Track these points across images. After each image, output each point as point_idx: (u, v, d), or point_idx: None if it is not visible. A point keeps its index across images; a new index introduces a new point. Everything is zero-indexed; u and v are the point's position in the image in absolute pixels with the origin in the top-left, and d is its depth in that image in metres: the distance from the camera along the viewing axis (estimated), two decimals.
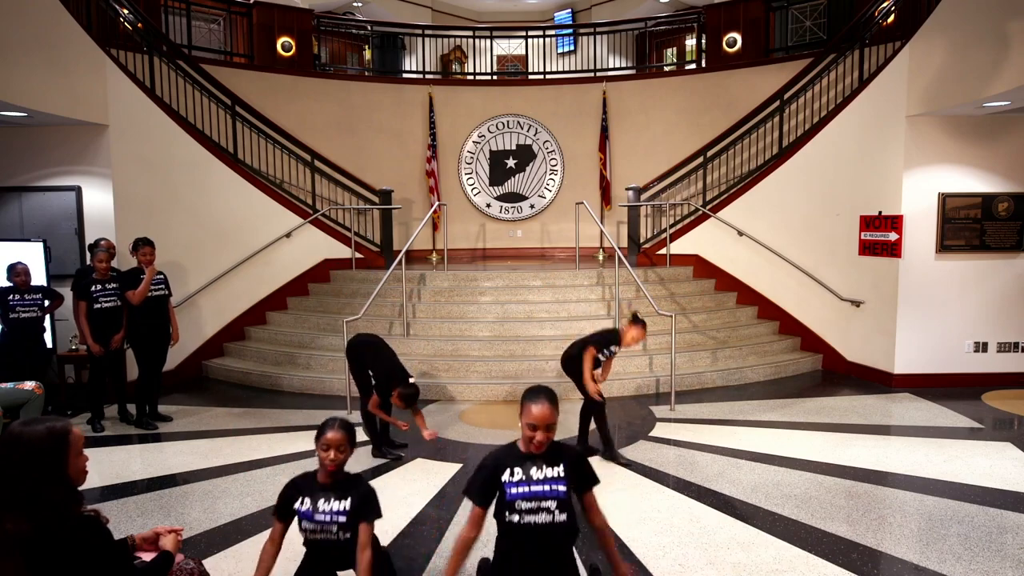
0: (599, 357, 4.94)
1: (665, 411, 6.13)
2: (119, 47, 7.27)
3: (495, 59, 12.33)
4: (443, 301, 7.71)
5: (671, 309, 7.26)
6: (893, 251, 6.85)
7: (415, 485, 4.49)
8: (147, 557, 2.31)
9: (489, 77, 11.70)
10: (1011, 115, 6.53)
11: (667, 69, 11.72)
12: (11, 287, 5.76)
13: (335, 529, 2.68)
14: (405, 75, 11.79)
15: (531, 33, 11.84)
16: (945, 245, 6.75)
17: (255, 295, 8.18)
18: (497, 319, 7.42)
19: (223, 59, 10.00)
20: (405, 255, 7.48)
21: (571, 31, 13.33)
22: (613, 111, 10.51)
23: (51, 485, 1.92)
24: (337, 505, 2.70)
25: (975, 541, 3.63)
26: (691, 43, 11.47)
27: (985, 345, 6.89)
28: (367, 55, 11.93)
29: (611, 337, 5.00)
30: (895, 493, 4.31)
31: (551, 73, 11.43)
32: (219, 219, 7.78)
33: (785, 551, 3.54)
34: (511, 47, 12.84)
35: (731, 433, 5.50)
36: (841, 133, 7.45)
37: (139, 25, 7.68)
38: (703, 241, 8.66)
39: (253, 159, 8.63)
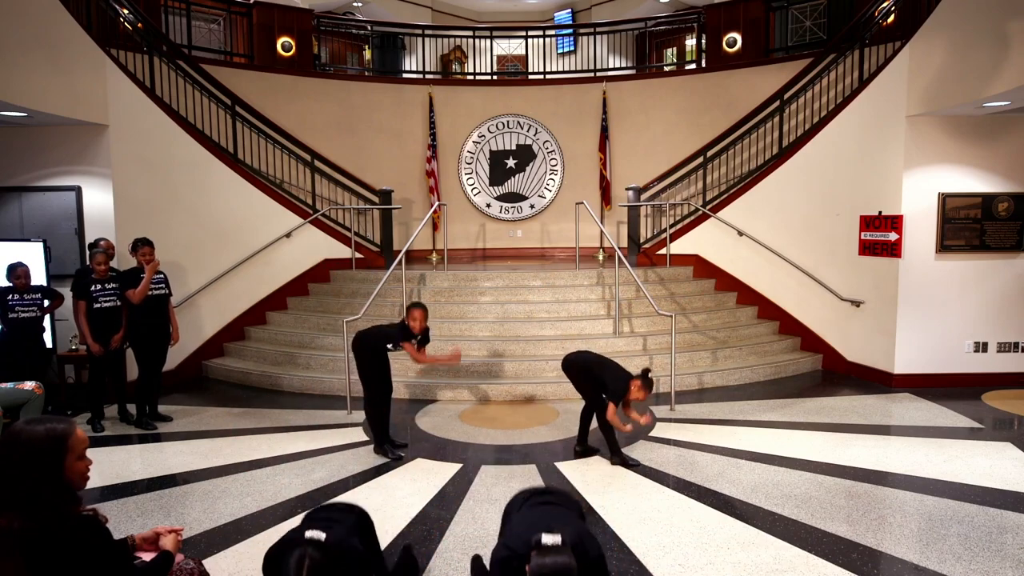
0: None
1: (665, 411, 6.13)
2: (119, 47, 7.28)
3: (495, 59, 12.33)
4: (443, 301, 7.71)
5: (671, 309, 7.26)
6: (893, 251, 6.85)
7: (415, 485, 4.49)
8: (147, 557, 2.31)
9: (489, 77, 11.70)
10: (1011, 115, 6.53)
11: (667, 69, 11.72)
12: (11, 287, 5.76)
13: None
14: (405, 75, 11.79)
15: (531, 33, 11.84)
16: (945, 245, 6.75)
17: (255, 295, 8.18)
18: (497, 319, 7.42)
19: (223, 59, 10.00)
20: (405, 255, 7.48)
21: (571, 31, 13.33)
22: (613, 111, 10.51)
23: (51, 485, 1.92)
24: None
25: (975, 541, 3.63)
26: (691, 43, 11.47)
27: (985, 345, 6.89)
28: (367, 55, 11.93)
29: (621, 389, 4.69)
30: (895, 493, 4.31)
31: (551, 73, 11.42)
32: (219, 219, 7.79)
33: (785, 551, 3.54)
34: (511, 47, 12.84)
35: (731, 433, 5.50)
36: (841, 133, 7.45)
37: (139, 25, 7.68)
38: (703, 241, 8.66)
39: (253, 159, 8.63)
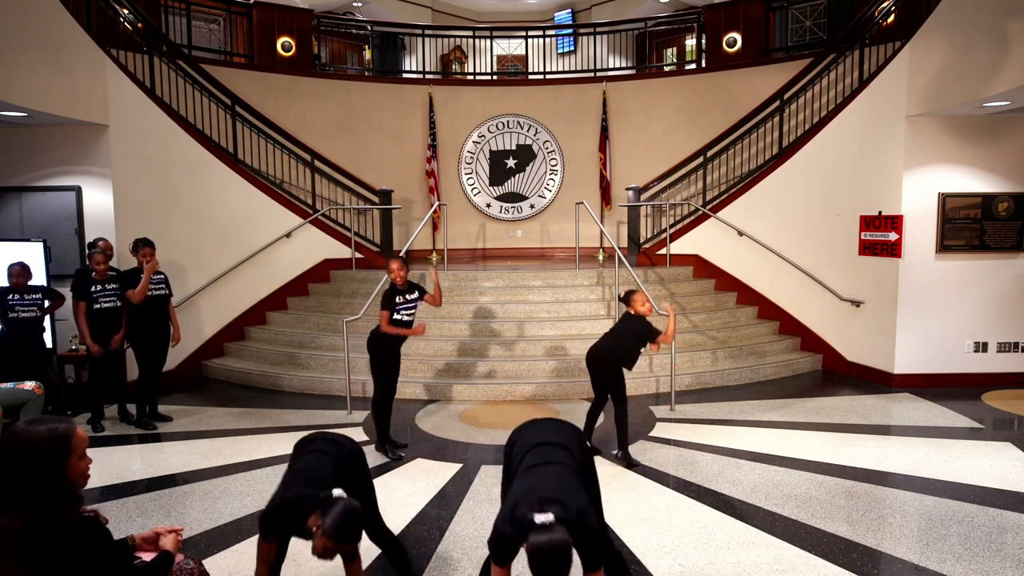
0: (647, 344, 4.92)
1: (665, 411, 6.13)
2: (119, 47, 7.27)
3: (495, 59, 12.32)
4: (443, 301, 7.68)
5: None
6: (893, 251, 6.85)
7: (415, 485, 4.49)
8: (147, 557, 2.31)
9: (489, 77, 11.70)
10: (1011, 115, 6.53)
11: (667, 69, 11.72)
12: (10, 287, 5.76)
13: None
14: (405, 75, 11.79)
15: (531, 33, 11.84)
16: (945, 245, 6.75)
17: (255, 295, 8.18)
18: (497, 319, 7.42)
19: (223, 59, 10.00)
20: (405, 255, 7.48)
21: (571, 31, 13.32)
22: (613, 111, 10.51)
23: (51, 485, 1.92)
24: None
25: (975, 541, 3.63)
26: (691, 43, 11.47)
27: (985, 345, 6.89)
28: (367, 55, 11.93)
29: (644, 330, 4.89)
30: (895, 493, 4.31)
31: (551, 73, 11.42)
32: (219, 219, 7.78)
33: (785, 551, 3.54)
34: (511, 47, 12.83)
35: (731, 433, 5.50)
36: (841, 133, 7.44)
37: (139, 25, 7.68)
38: (703, 241, 8.65)
39: (253, 159, 8.63)
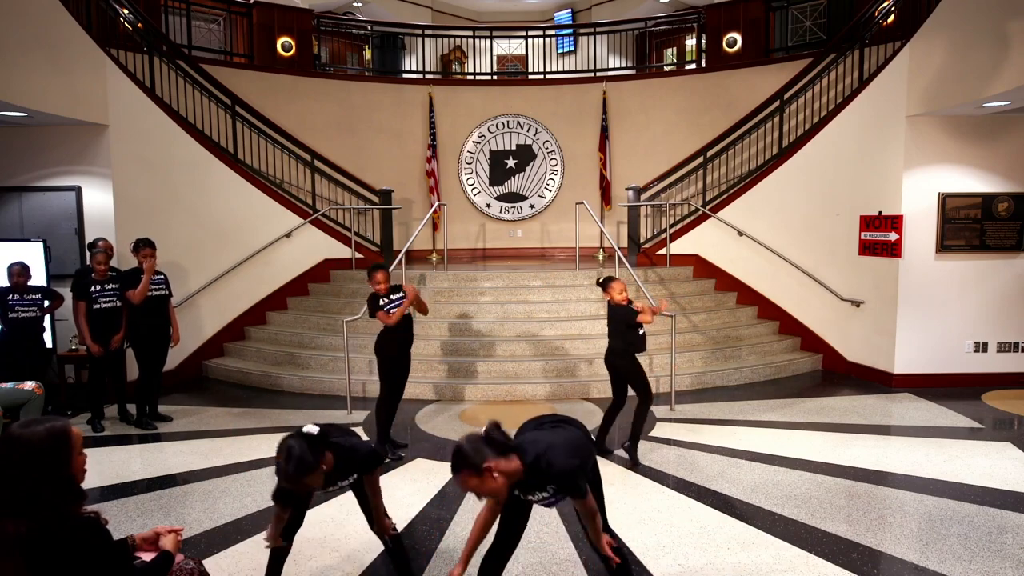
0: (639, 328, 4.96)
1: (665, 411, 6.13)
2: (119, 47, 7.27)
3: (495, 59, 12.32)
4: (443, 301, 7.70)
5: (671, 309, 7.23)
6: (893, 251, 6.85)
7: (415, 485, 4.49)
8: (147, 557, 2.31)
9: (489, 77, 11.70)
10: (1011, 115, 6.53)
11: (667, 69, 11.72)
12: (10, 287, 5.76)
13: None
14: (405, 75, 11.79)
15: (531, 33, 11.84)
16: (945, 245, 6.75)
17: (255, 295, 8.18)
18: (497, 319, 7.42)
19: (223, 59, 10.00)
20: (405, 255, 7.49)
21: (571, 31, 13.32)
22: (613, 111, 10.51)
23: (52, 485, 1.92)
24: (343, 483, 2.86)
25: (975, 541, 3.63)
26: (691, 43, 11.47)
27: (985, 345, 6.89)
28: (367, 55, 11.93)
29: (627, 315, 4.94)
30: (895, 493, 4.31)
31: (551, 73, 11.42)
32: (219, 219, 7.78)
33: (785, 551, 3.54)
34: (511, 47, 12.83)
35: (731, 433, 5.50)
36: (841, 133, 7.44)
37: (139, 25, 7.68)
38: (703, 241, 8.65)
39: (253, 159, 8.63)
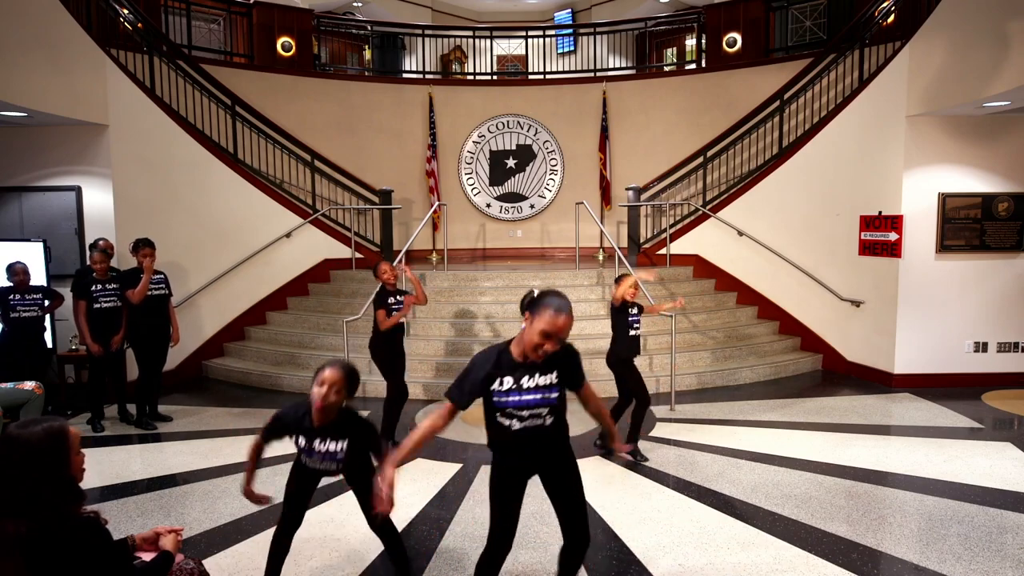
0: (634, 334, 5.02)
1: (665, 411, 6.13)
2: (119, 47, 7.27)
3: (495, 59, 12.32)
4: (443, 301, 7.70)
5: (671, 309, 7.24)
6: (893, 251, 6.85)
7: (415, 485, 4.49)
8: (147, 557, 2.31)
9: (489, 77, 11.70)
10: (1011, 115, 6.53)
11: (667, 69, 11.71)
12: (11, 287, 5.76)
13: (334, 467, 2.79)
14: (405, 75, 11.78)
15: (531, 33, 11.84)
16: (945, 245, 6.75)
17: (255, 295, 8.18)
18: (497, 319, 7.42)
19: (223, 59, 10.00)
20: (405, 255, 7.48)
21: (571, 31, 13.32)
22: (613, 111, 10.51)
23: (50, 485, 1.92)
24: (333, 446, 2.75)
25: (975, 541, 3.63)
26: (691, 43, 11.46)
27: (985, 345, 6.89)
28: (367, 55, 11.93)
29: (622, 308, 5.01)
30: (895, 493, 4.31)
31: (551, 73, 11.42)
32: (219, 219, 7.78)
33: (785, 551, 3.54)
34: (511, 47, 12.83)
35: (731, 433, 5.50)
36: (841, 133, 7.44)
37: (139, 25, 7.68)
38: (703, 241, 8.65)
39: (253, 159, 8.62)
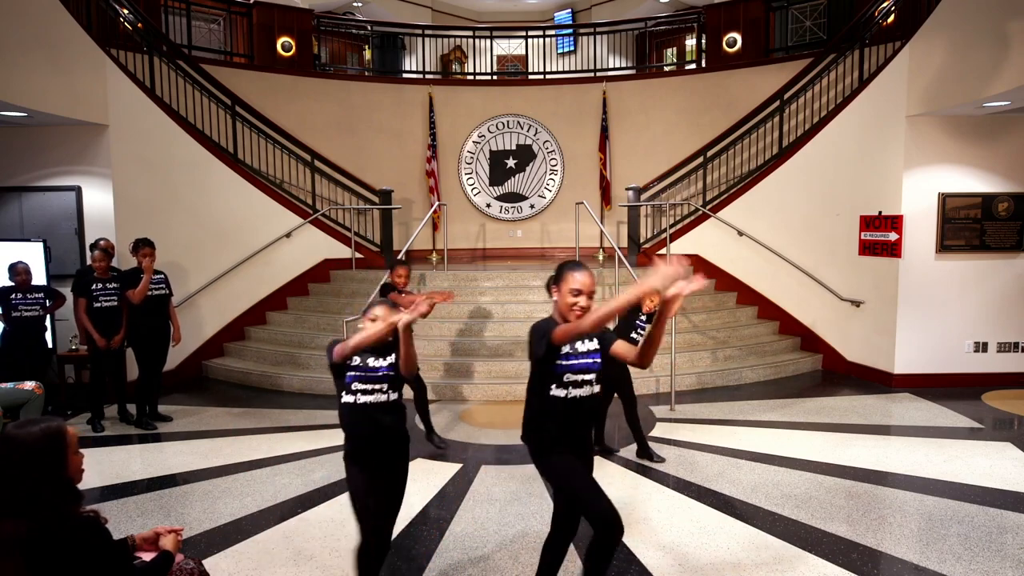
0: (636, 338, 4.88)
1: (665, 411, 6.13)
2: (119, 47, 7.27)
3: (495, 59, 12.32)
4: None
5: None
6: (893, 251, 6.85)
7: (415, 485, 4.46)
8: (147, 557, 2.31)
9: (489, 77, 11.69)
10: (1011, 115, 6.53)
11: (667, 69, 11.71)
12: (13, 286, 5.77)
13: (386, 387, 2.83)
14: (405, 75, 11.78)
15: (531, 33, 11.83)
16: (945, 245, 6.75)
17: (255, 295, 8.18)
18: (497, 319, 7.42)
19: (223, 59, 10.00)
20: (405, 255, 7.48)
21: (571, 31, 13.31)
22: (613, 111, 10.50)
23: (50, 485, 1.92)
24: (384, 361, 2.84)
25: (975, 541, 3.63)
26: (691, 43, 11.46)
27: (985, 345, 6.89)
28: (367, 55, 11.92)
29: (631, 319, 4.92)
30: (895, 493, 4.31)
31: (551, 73, 11.42)
32: (219, 219, 7.78)
33: (785, 551, 3.54)
34: (511, 47, 12.83)
35: (731, 433, 5.50)
36: (841, 133, 7.44)
37: (139, 25, 7.68)
38: (703, 241, 8.65)
39: (253, 159, 8.62)
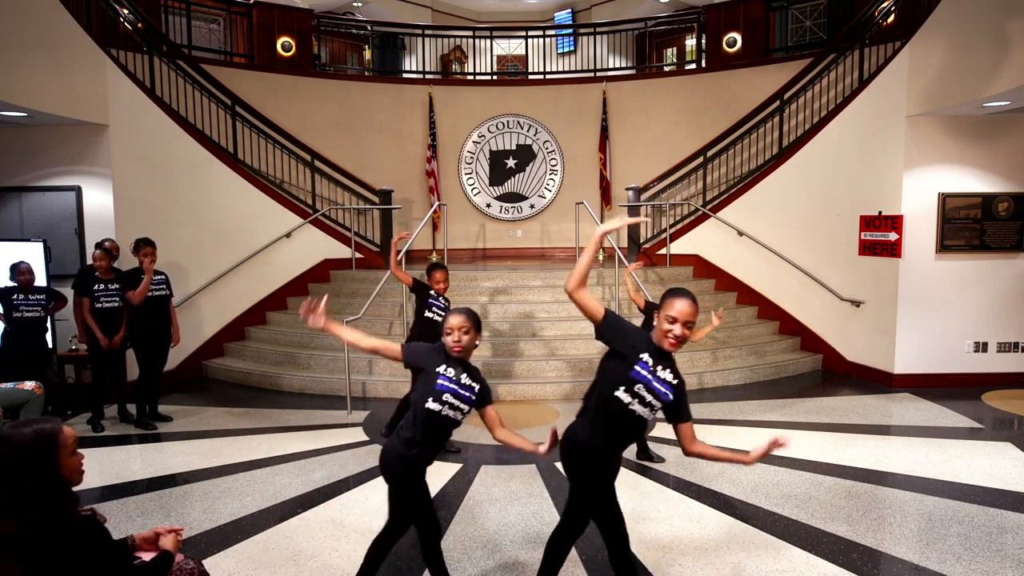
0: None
1: None
2: (119, 47, 7.27)
3: (495, 59, 12.32)
4: None
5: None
6: (893, 251, 6.85)
7: None
8: (147, 557, 2.31)
9: (489, 77, 11.70)
10: (1011, 115, 6.53)
11: (667, 69, 11.72)
12: (15, 286, 5.76)
13: (464, 407, 2.76)
14: (405, 75, 11.78)
15: (531, 33, 11.84)
16: (945, 245, 6.75)
17: (255, 295, 8.18)
18: (497, 319, 7.42)
19: (223, 59, 10.00)
20: (405, 255, 7.48)
21: (571, 31, 13.32)
22: (613, 111, 10.51)
23: (38, 485, 1.91)
24: (467, 380, 2.77)
25: (975, 541, 3.63)
26: (691, 43, 11.47)
27: (985, 345, 6.89)
28: (367, 55, 11.93)
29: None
30: (895, 493, 4.31)
31: (551, 73, 11.42)
32: (219, 219, 7.78)
33: (785, 551, 3.54)
34: (511, 47, 12.83)
35: (731, 433, 5.50)
36: (841, 133, 7.44)
37: (139, 25, 7.68)
38: (703, 241, 8.65)
39: (253, 159, 8.63)
